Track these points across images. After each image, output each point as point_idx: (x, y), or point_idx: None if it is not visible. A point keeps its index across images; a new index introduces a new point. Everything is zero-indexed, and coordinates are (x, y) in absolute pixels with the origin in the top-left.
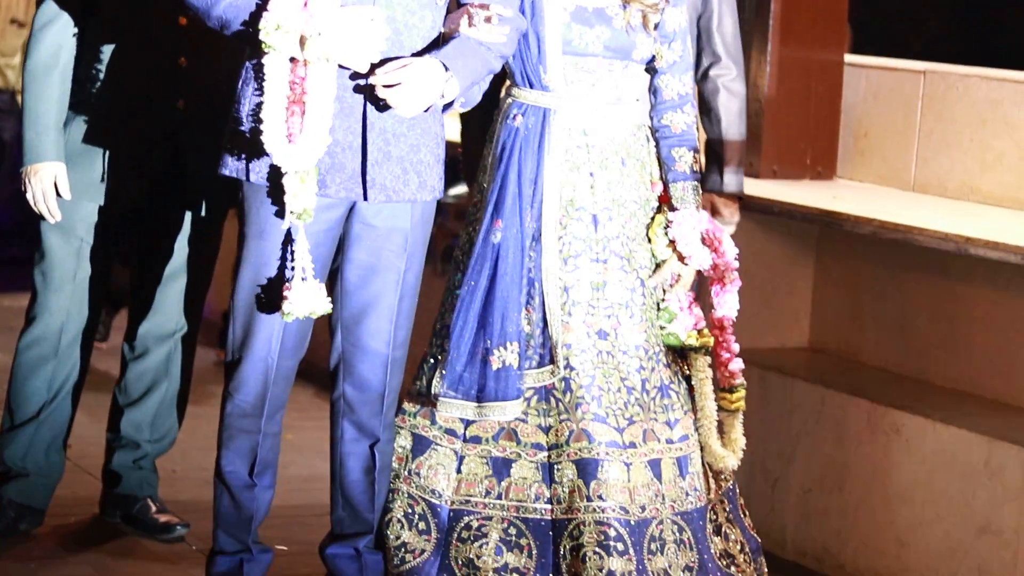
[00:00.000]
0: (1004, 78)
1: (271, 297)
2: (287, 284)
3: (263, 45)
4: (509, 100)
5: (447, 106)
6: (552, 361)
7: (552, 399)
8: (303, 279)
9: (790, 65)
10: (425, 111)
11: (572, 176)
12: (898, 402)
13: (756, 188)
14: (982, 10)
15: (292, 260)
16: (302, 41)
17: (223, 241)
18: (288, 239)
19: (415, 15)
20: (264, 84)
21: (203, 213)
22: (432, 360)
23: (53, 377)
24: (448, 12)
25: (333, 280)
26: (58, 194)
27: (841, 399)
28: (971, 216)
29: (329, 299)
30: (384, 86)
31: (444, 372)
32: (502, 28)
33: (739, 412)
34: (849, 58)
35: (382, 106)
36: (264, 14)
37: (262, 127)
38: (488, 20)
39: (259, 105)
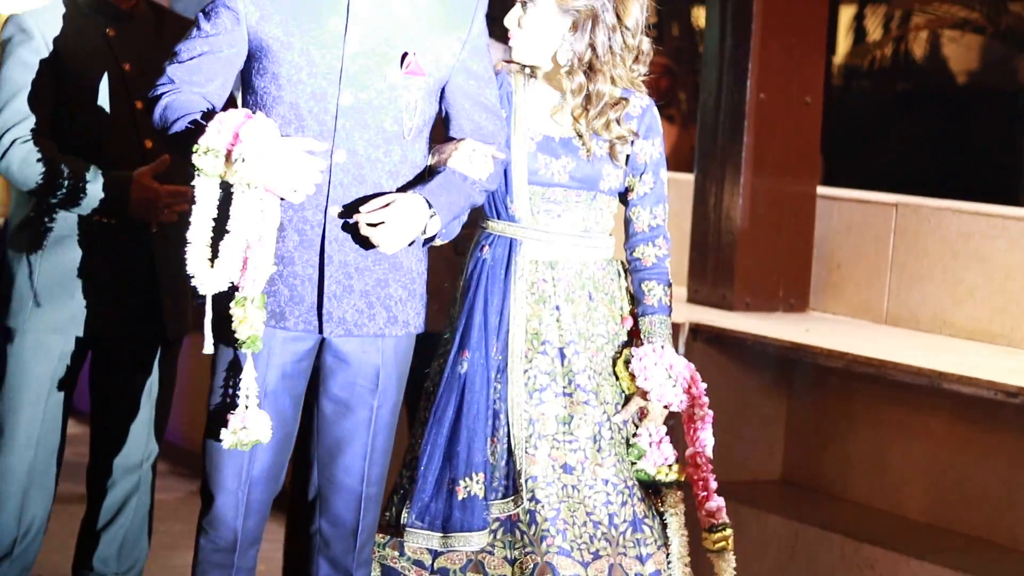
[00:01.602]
0: (976, 211)
1: (223, 425)
2: (233, 412)
3: (194, 168)
4: (479, 230)
5: (427, 241)
6: (516, 492)
7: (517, 531)
8: (246, 407)
9: (763, 196)
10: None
11: (538, 309)
12: (872, 537)
13: (729, 321)
14: (953, 143)
15: (237, 388)
16: (229, 166)
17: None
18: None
19: (379, 149)
20: (193, 207)
21: (168, 337)
22: (401, 491)
23: (23, 510)
24: (433, 141)
25: (310, 413)
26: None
27: (814, 533)
28: (944, 350)
29: (272, 430)
30: (368, 224)
31: (411, 502)
32: (490, 165)
33: (725, 552)
34: (821, 190)
35: (366, 244)
36: (199, 138)
37: (185, 250)
38: (486, 157)
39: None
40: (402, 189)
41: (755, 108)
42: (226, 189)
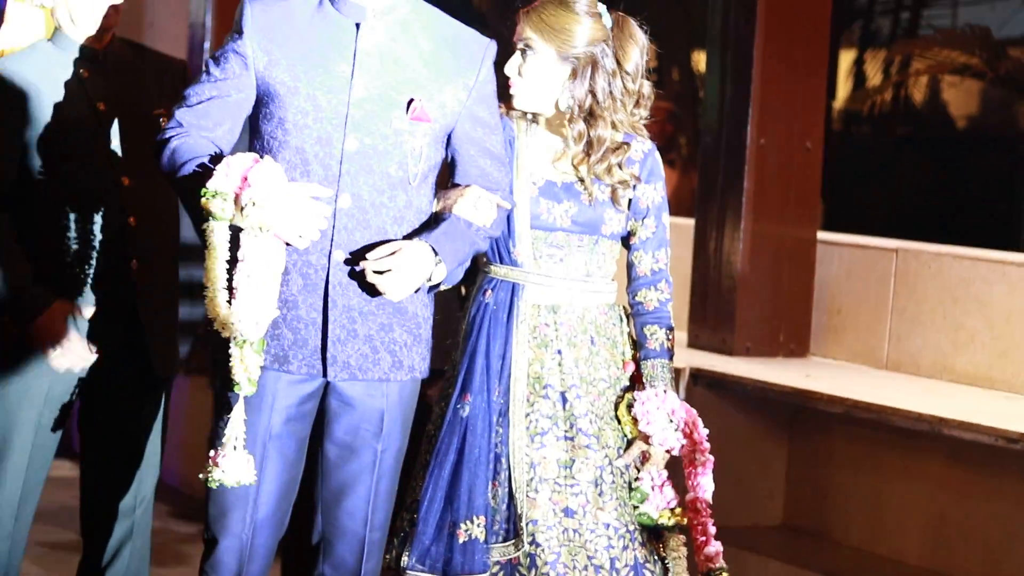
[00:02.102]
0: (976, 257)
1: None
2: (218, 451)
3: (204, 211)
4: (482, 275)
5: (433, 287)
6: (517, 535)
7: (518, 575)
8: (233, 448)
9: (763, 242)
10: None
11: (540, 353)
12: None
13: (729, 365)
14: (953, 188)
15: (225, 427)
16: (239, 210)
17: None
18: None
19: (384, 194)
20: (206, 251)
21: (155, 376)
22: (402, 533)
23: (9, 562)
24: (438, 186)
25: (314, 457)
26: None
27: None
28: (944, 395)
29: (255, 472)
30: (375, 272)
31: (412, 545)
32: (495, 213)
33: None
34: (822, 235)
35: (370, 288)
36: (208, 181)
37: (205, 293)
38: (491, 204)
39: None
40: (407, 235)
41: (755, 153)
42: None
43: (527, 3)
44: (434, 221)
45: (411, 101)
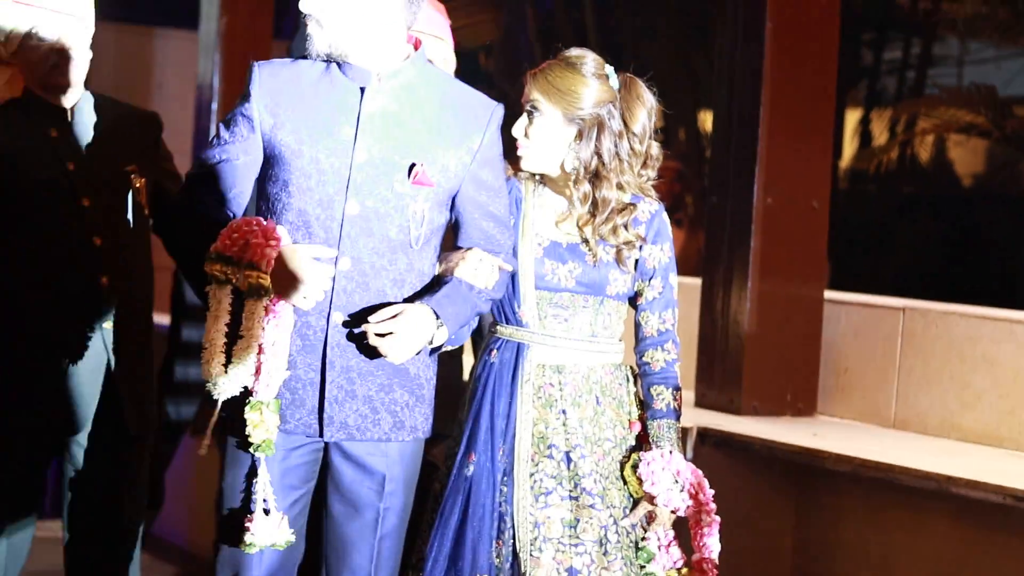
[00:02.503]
0: (983, 315)
1: (238, 529)
2: (249, 516)
3: (208, 276)
4: (489, 335)
5: (434, 350)
6: None
7: None
8: (265, 511)
9: (770, 301)
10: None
11: (545, 413)
12: None
13: (737, 425)
14: (960, 247)
15: (254, 492)
16: (242, 273)
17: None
18: (253, 470)
19: (383, 258)
20: (208, 313)
21: (131, 431)
22: None
23: None
24: (442, 249)
25: (320, 514)
26: None
27: None
28: (952, 454)
29: (292, 532)
30: (376, 334)
31: None
32: (496, 275)
33: None
34: (828, 294)
35: (370, 350)
36: (212, 245)
37: (202, 355)
38: (493, 267)
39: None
40: (408, 298)
41: (762, 212)
42: (238, 295)
43: (535, 65)
44: (436, 283)
45: (413, 165)
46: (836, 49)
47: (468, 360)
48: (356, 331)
